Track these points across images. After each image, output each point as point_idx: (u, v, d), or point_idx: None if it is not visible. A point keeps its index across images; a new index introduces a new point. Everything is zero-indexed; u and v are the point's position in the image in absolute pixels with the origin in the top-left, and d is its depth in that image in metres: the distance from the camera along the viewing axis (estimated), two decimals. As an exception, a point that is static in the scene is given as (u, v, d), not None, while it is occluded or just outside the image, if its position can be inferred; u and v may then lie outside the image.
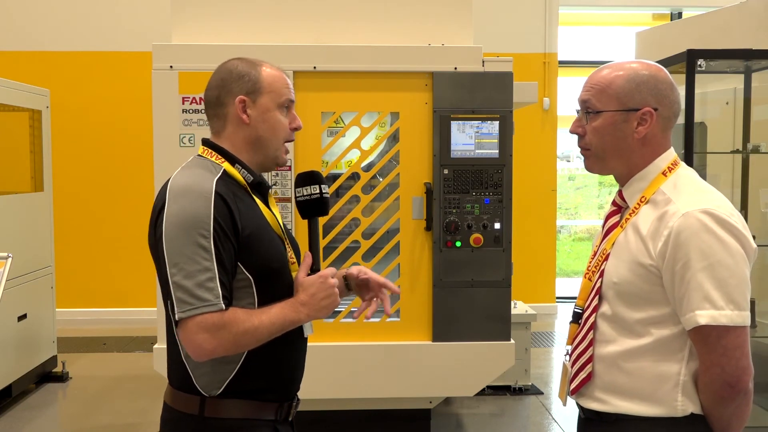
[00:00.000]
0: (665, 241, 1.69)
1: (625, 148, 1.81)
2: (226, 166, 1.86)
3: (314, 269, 1.88)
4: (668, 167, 1.82)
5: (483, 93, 3.77)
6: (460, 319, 3.82)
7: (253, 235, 1.80)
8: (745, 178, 4.25)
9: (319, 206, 1.95)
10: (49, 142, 5.54)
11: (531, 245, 7.45)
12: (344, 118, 3.92)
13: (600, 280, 1.81)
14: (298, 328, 1.84)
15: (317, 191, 1.94)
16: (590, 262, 1.91)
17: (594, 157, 1.86)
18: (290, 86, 1.95)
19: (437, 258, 3.81)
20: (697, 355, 1.71)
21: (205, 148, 1.92)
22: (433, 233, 3.80)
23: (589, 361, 1.82)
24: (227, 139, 1.90)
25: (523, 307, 5.30)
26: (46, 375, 5.50)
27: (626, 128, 1.80)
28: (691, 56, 3.63)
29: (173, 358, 1.85)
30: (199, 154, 1.92)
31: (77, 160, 7.46)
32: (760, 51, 3.83)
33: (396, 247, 3.85)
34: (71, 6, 7.53)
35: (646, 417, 1.74)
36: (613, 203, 1.91)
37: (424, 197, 3.79)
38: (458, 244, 3.79)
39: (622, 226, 1.82)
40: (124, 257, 7.53)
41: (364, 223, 3.88)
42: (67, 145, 7.25)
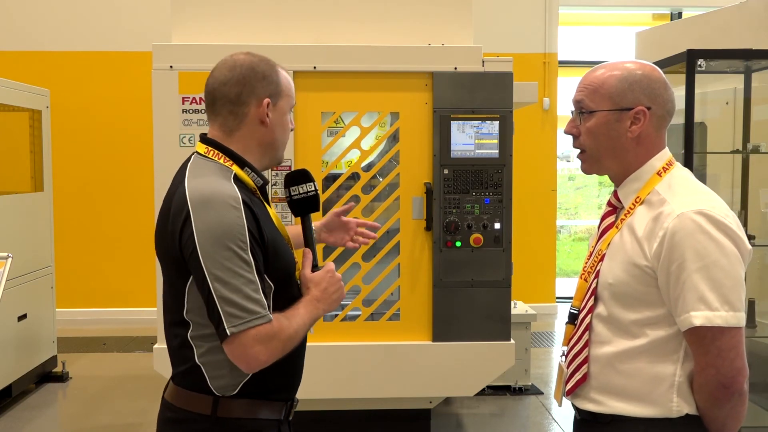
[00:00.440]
0: (660, 242, 1.69)
1: (619, 147, 1.81)
2: (236, 169, 1.81)
3: (314, 265, 1.91)
4: (663, 167, 1.81)
5: (483, 93, 3.77)
6: (460, 319, 3.82)
7: (274, 241, 1.80)
8: (745, 178, 4.24)
9: (314, 203, 1.97)
10: (49, 142, 5.54)
11: (531, 245, 7.45)
12: (344, 118, 3.92)
13: (595, 280, 1.82)
14: None
15: (312, 189, 1.97)
16: (586, 263, 1.91)
17: (589, 157, 1.86)
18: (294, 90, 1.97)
19: (437, 258, 3.81)
20: (692, 356, 1.71)
21: (209, 148, 1.84)
22: (433, 233, 3.80)
23: (585, 362, 1.82)
24: (239, 139, 1.84)
25: (523, 307, 5.30)
26: (46, 375, 5.50)
27: (619, 128, 1.80)
28: (691, 56, 3.63)
29: (183, 360, 1.80)
30: (203, 155, 1.84)
31: (77, 160, 7.46)
32: (760, 51, 3.83)
33: (396, 247, 3.85)
34: (71, 6, 7.53)
35: (641, 418, 1.74)
36: (609, 204, 1.91)
37: (424, 197, 3.79)
38: (458, 244, 3.79)
39: (617, 227, 1.82)
40: (125, 257, 7.53)
41: (364, 223, 3.87)
42: (67, 145, 7.25)
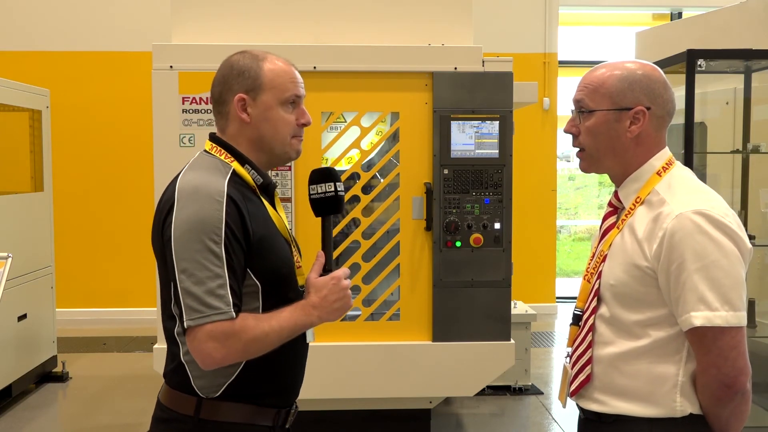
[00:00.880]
0: (660, 242, 1.69)
1: (618, 147, 1.81)
2: (236, 165, 1.79)
3: (327, 269, 1.82)
4: (663, 167, 1.81)
5: (483, 93, 3.77)
6: (460, 319, 3.82)
7: (263, 239, 1.75)
8: (745, 178, 4.25)
9: (334, 204, 1.87)
10: (49, 142, 5.54)
11: (531, 245, 7.45)
12: (345, 117, 3.92)
13: (598, 281, 1.81)
14: (301, 333, 1.80)
15: (332, 189, 1.86)
16: (589, 264, 1.91)
17: (588, 157, 1.86)
18: (297, 80, 1.85)
19: (437, 258, 3.81)
20: (694, 356, 1.71)
21: (214, 145, 1.84)
22: (433, 233, 3.80)
23: (589, 362, 1.82)
24: (231, 138, 1.83)
25: (523, 307, 5.30)
26: (46, 375, 5.50)
27: (619, 127, 1.79)
28: (691, 56, 3.63)
29: (171, 357, 1.80)
30: (207, 151, 1.84)
31: (77, 160, 7.46)
32: (760, 51, 3.84)
33: (396, 247, 3.85)
34: (71, 6, 7.53)
35: (645, 418, 1.74)
36: (610, 204, 1.91)
37: (424, 197, 3.79)
38: (458, 244, 3.79)
39: (618, 228, 1.82)
40: (124, 257, 7.53)
41: (364, 223, 3.88)
42: (67, 145, 7.25)
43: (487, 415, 4.83)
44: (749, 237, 1.76)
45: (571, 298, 8.42)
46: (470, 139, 3.79)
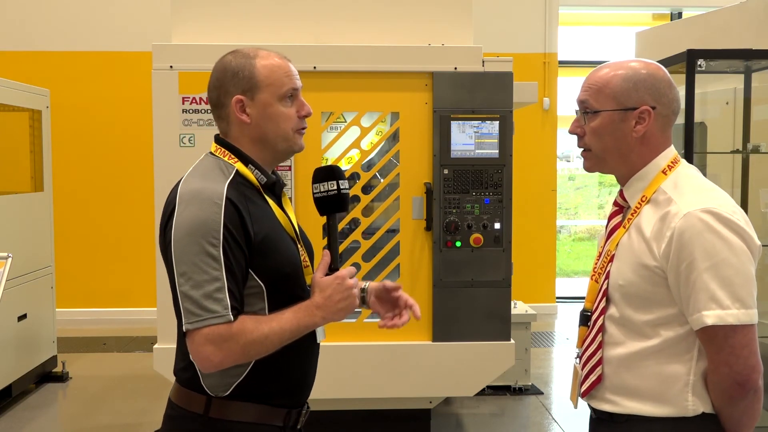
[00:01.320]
0: (668, 242, 1.68)
1: (624, 147, 1.81)
2: (239, 166, 1.79)
3: (333, 268, 1.79)
4: (668, 165, 1.81)
5: (483, 93, 3.77)
6: (460, 319, 3.82)
7: (266, 240, 1.74)
8: (745, 178, 4.25)
9: (338, 202, 1.86)
10: (49, 142, 5.54)
11: (531, 245, 7.45)
12: (345, 117, 3.92)
13: (606, 282, 1.81)
14: (311, 332, 1.78)
15: (335, 187, 1.84)
16: (596, 264, 1.90)
17: (594, 157, 1.86)
18: (292, 73, 1.84)
19: (437, 258, 3.81)
20: (705, 355, 1.71)
21: (218, 146, 1.84)
22: (433, 233, 3.80)
23: (599, 363, 1.81)
24: (234, 140, 1.83)
25: (523, 307, 5.30)
26: (46, 375, 5.50)
27: (624, 127, 1.79)
28: (691, 56, 3.63)
29: (182, 356, 1.78)
30: (212, 152, 1.84)
31: (77, 160, 7.46)
32: (760, 51, 3.84)
33: (396, 247, 3.85)
34: (71, 6, 7.53)
35: (657, 417, 1.74)
36: (615, 203, 1.90)
37: (424, 197, 3.79)
38: (458, 244, 3.79)
39: (624, 227, 1.81)
40: (124, 257, 7.53)
41: (364, 223, 3.88)
42: (67, 145, 7.25)
43: (487, 415, 4.83)
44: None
45: (570, 298, 8.42)
46: (470, 139, 3.79)
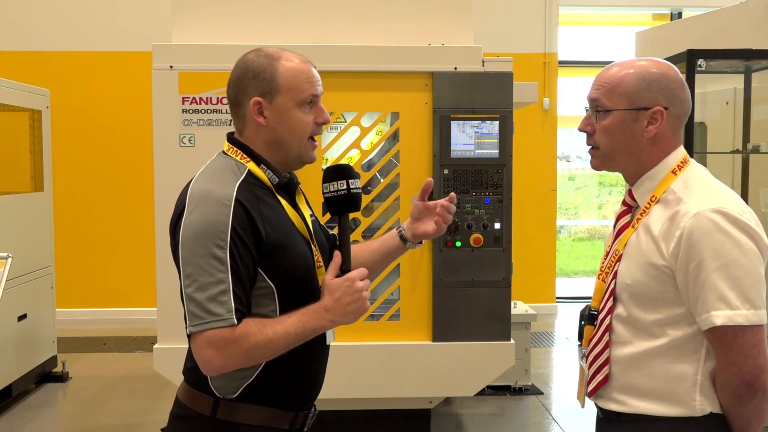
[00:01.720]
0: (677, 241, 1.68)
1: (634, 147, 1.80)
2: (251, 166, 1.77)
3: (344, 270, 1.75)
4: (678, 165, 1.80)
5: (483, 93, 3.77)
6: (460, 319, 3.82)
7: (278, 241, 1.71)
8: (745, 178, 4.25)
9: (348, 202, 1.81)
10: (49, 142, 5.54)
11: (531, 245, 7.45)
12: (344, 118, 3.92)
13: (613, 281, 1.80)
14: (321, 335, 1.75)
15: (344, 187, 1.80)
16: (603, 263, 1.89)
17: (603, 155, 1.85)
18: (314, 78, 1.82)
19: (437, 258, 3.81)
20: (713, 354, 1.70)
21: (230, 146, 1.82)
22: (433, 233, 3.79)
23: (606, 362, 1.81)
24: (248, 140, 1.81)
25: (523, 307, 5.30)
26: (46, 375, 5.50)
27: (636, 127, 1.78)
28: (691, 56, 3.63)
29: (190, 356, 1.76)
30: (224, 152, 1.82)
31: (77, 160, 7.46)
32: (760, 51, 3.84)
33: (396, 247, 3.84)
34: (71, 6, 7.53)
35: (665, 417, 1.74)
36: (623, 203, 1.90)
37: (424, 197, 3.78)
38: (458, 244, 3.79)
39: (633, 227, 1.81)
40: (125, 257, 7.53)
41: (364, 223, 3.88)
42: (67, 145, 7.25)
43: (487, 415, 4.83)
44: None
45: (571, 298, 8.42)
46: (470, 139, 3.79)
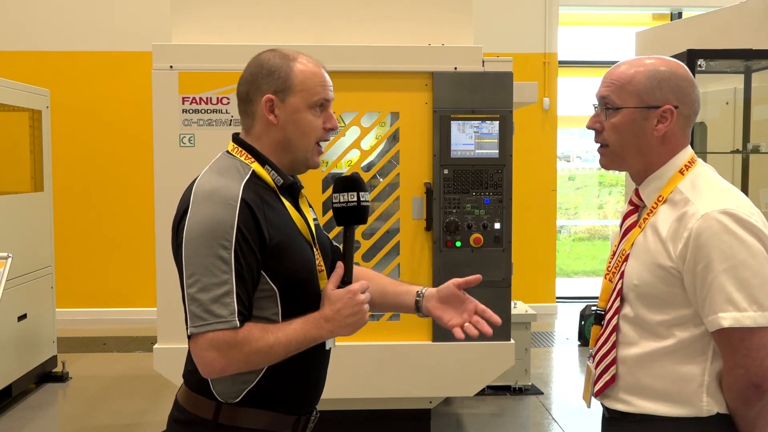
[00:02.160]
0: (685, 242, 1.67)
1: (643, 145, 1.80)
2: (256, 166, 1.75)
3: (345, 281, 1.76)
4: (685, 165, 1.80)
5: (483, 93, 3.77)
6: (460, 319, 3.81)
7: (281, 243, 1.70)
8: (745, 178, 4.25)
9: (356, 215, 1.81)
10: (49, 142, 5.54)
11: (531, 245, 7.45)
12: (344, 118, 3.92)
13: (620, 281, 1.80)
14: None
15: (355, 199, 1.80)
16: (609, 263, 1.89)
17: (611, 153, 1.84)
18: (326, 83, 1.82)
19: (437, 258, 3.81)
20: (720, 356, 1.70)
21: (235, 146, 1.81)
22: (433, 233, 3.80)
23: (613, 363, 1.80)
24: (255, 139, 1.79)
25: (523, 307, 5.30)
26: (46, 375, 5.50)
27: (646, 126, 1.78)
28: (691, 56, 3.63)
29: (191, 359, 1.74)
30: (228, 152, 1.81)
31: (77, 160, 7.46)
32: (760, 51, 3.84)
33: (396, 247, 3.85)
34: (71, 6, 7.53)
35: (671, 417, 1.73)
36: (630, 202, 1.89)
37: (424, 197, 3.79)
38: (458, 244, 3.79)
39: (640, 226, 1.80)
40: (125, 257, 7.53)
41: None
42: (67, 145, 7.25)
43: (487, 415, 4.83)
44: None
45: (571, 298, 8.42)
46: (470, 139, 3.79)
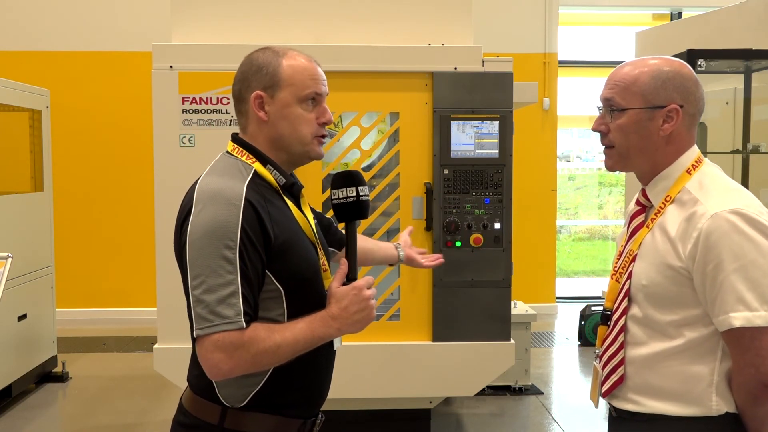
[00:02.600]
0: (695, 243, 1.67)
1: (650, 146, 1.79)
2: (257, 166, 1.74)
3: (350, 278, 1.74)
4: (692, 165, 1.80)
5: (483, 93, 3.77)
6: (460, 319, 3.82)
7: (286, 243, 1.69)
8: (745, 178, 4.25)
9: (357, 210, 1.80)
10: (49, 142, 5.54)
11: (531, 245, 7.45)
12: (344, 118, 3.92)
13: (628, 282, 1.79)
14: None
15: (353, 194, 1.79)
16: (616, 263, 1.88)
17: (617, 154, 1.84)
18: (318, 77, 1.80)
19: (437, 258, 3.80)
20: (729, 355, 1.70)
21: (235, 146, 1.79)
22: (433, 233, 3.80)
23: (621, 363, 1.80)
24: (252, 138, 1.78)
25: (523, 307, 5.30)
26: (46, 375, 5.50)
27: (651, 126, 1.78)
28: (691, 56, 3.63)
29: (196, 363, 1.71)
30: (229, 152, 1.79)
31: (77, 160, 7.46)
32: (760, 51, 3.84)
33: (396, 247, 3.84)
34: (71, 6, 7.53)
35: (680, 417, 1.73)
36: (637, 203, 1.89)
37: (424, 197, 3.79)
38: (458, 244, 3.79)
39: (648, 227, 1.80)
40: (124, 257, 7.53)
41: (365, 223, 3.88)
42: (67, 145, 7.25)
43: (487, 415, 4.83)
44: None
45: (571, 298, 8.42)
46: (470, 139, 3.79)
